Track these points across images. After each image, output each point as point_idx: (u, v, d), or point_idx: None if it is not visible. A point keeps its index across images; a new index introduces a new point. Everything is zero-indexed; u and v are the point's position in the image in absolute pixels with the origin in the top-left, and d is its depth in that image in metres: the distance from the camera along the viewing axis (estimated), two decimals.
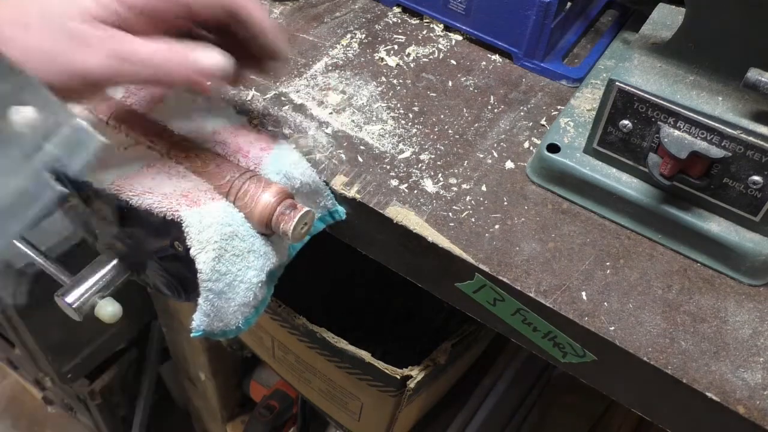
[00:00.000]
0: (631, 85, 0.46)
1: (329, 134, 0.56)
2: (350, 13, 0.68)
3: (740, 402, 0.42)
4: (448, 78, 0.62)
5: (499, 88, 0.61)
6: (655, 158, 0.47)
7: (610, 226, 0.51)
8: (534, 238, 0.50)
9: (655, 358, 0.44)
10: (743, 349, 0.45)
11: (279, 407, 1.17)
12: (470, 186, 0.53)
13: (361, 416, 0.88)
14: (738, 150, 0.44)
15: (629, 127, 0.48)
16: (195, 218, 0.45)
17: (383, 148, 0.55)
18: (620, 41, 0.63)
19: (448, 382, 0.92)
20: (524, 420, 0.95)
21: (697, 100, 0.45)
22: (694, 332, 0.45)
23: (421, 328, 0.96)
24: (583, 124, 0.54)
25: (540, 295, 0.47)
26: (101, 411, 1.28)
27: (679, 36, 0.47)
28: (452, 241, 0.49)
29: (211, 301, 0.47)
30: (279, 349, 0.89)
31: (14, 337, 1.13)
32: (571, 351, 0.48)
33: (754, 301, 0.47)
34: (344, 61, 0.63)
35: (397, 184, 0.53)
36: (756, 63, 0.42)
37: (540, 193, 0.53)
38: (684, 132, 0.46)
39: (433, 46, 0.65)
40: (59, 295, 0.52)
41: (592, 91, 0.57)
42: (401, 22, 0.67)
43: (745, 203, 0.47)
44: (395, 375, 0.73)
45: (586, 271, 0.48)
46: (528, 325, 0.49)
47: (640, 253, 0.50)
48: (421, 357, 0.76)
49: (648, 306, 0.47)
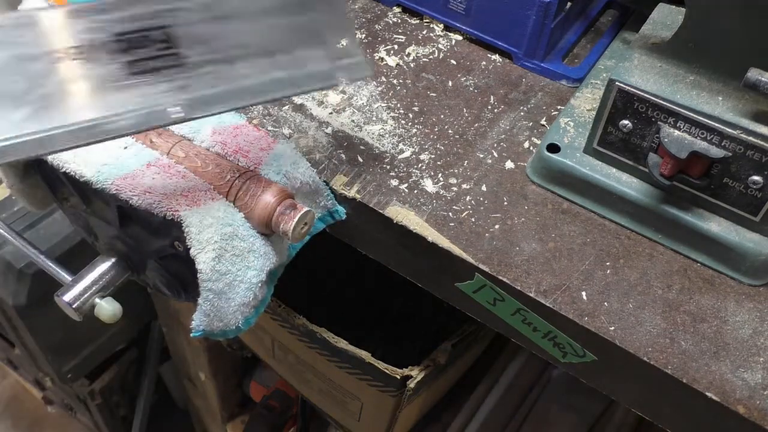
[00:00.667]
0: (631, 85, 0.46)
1: (329, 134, 0.56)
2: (350, 13, 0.68)
3: (740, 402, 0.42)
4: (448, 78, 0.62)
5: (499, 88, 0.61)
6: (655, 158, 0.47)
7: (610, 226, 0.51)
8: (534, 238, 0.50)
9: (655, 358, 0.44)
10: (743, 349, 0.45)
11: (279, 407, 1.17)
12: (470, 186, 0.53)
13: (361, 416, 0.88)
14: (738, 150, 0.44)
15: (629, 127, 0.48)
16: (195, 218, 0.45)
17: (383, 148, 0.55)
18: (620, 41, 0.63)
19: (448, 382, 0.92)
20: (524, 420, 0.95)
21: (697, 100, 0.45)
22: (694, 332, 0.45)
23: (421, 328, 0.96)
24: (583, 124, 0.54)
25: (540, 295, 0.47)
26: (101, 411, 1.28)
27: (679, 36, 0.47)
28: (452, 241, 0.49)
29: (211, 301, 0.47)
30: (279, 349, 0.89)
31: (14, 337, 1.13)
32: (571, 351, 0.48)
33: (754, 301, 0.47)
34: None
35: (397, 184, 0.53)
36: (756, 63, 0.42)
37: (540, 193, 0.53)
38: (684, 132, 0.46)
39: (433, 46, 0.65)
40: (59, 295, 0.52)
41: (592, 91, 0.57)
42: (401, 22, 0.67)
43: (745, 203, 0.47)
44: (395, 375, 0.73)
45: (586, 271, 0.48)
46: (528, 325, 0.49)
47: (640, 253, 0.50)
48: (421, 357, 0.76)
49: (648, 306, 0.47)
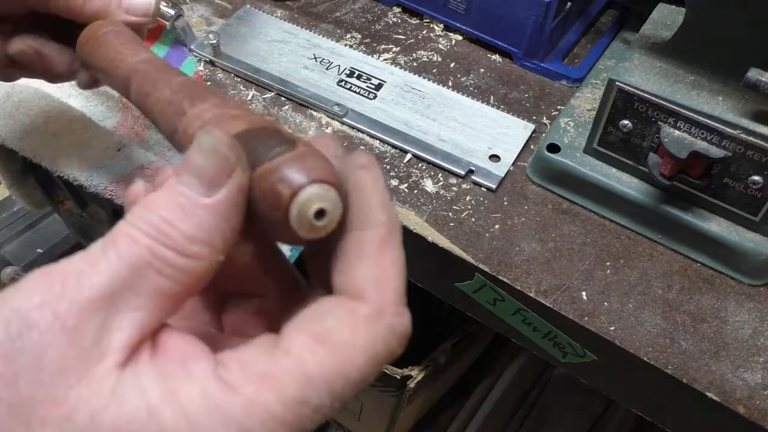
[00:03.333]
0: (631, 85, 0.46)
1: (329, 134, 0.56)
2: (350, 13, 0.67)
3: (740, 402, 0.42)
4: (448, 78, 0.61)
5: (499, 88, 0.61)
6: (655, 158, 0.47)
7: (610, 226, 0.51)
8: (534, 238, 0.50)
9: (655, 358, 0.44)
10: (743, 349, 0.45)
11: None
12: (470, 186, 0.53)
13: (361, 416, 0.88)
14: (738, 150, 0.44)
15: (629, 127, 0.48)
16: None
17: (383, 148, 0.55)
18: (620, 41, 0.63)
19: (448, 382, 0.92)
20: (524, 420, 0.95)
21: (697, 100, 0.45)
22: (694, 332, 0.45)
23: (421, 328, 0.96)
24: (583, 124, 0.54)
25: (540, 295, 0.47)
26: None
27: (679, 36, 0.47)
28: (452, 241, 0.49)
29: None
30: None
31: None
32: (571, 351, 0.48)
33: (754, 301, 0.47)
34: None
35: (397, 184, 0.53)
36: (756, 63, 0.42)
37: (540, 193, 0.53)
38: (684, 132, 0.46)
39: (433, 46, 0.65)
40: None
41: (592, 91, 0.57)
42: (401, 22, 0.67)
43: (745, 203, 0.47)
44: (395, 375, 0.73)
45: (586, 271, 0.48)
46: (528, 325, 0.49)
47: (640, 253, 0.50)
48: (421, 357, 0.76)
49: (648, 306, 0.47)
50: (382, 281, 0.25)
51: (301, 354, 0.23)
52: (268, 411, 0.22)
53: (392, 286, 0.25)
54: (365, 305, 0.25)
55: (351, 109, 0.57)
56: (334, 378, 0.23)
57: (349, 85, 0.58)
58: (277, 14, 0.66)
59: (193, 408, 0.22)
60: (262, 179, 0.25)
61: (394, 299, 0.25)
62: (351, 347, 0.24)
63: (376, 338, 0.24)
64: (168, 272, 0.23)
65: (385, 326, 0.25)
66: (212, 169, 0.24)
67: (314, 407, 0.23)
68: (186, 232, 0.24)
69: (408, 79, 0.59)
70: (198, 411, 0.22)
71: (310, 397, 0.23)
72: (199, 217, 0.24)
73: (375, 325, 0.24)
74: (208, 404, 0.22)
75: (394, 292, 0.25)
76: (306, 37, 0.62)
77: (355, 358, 0.24)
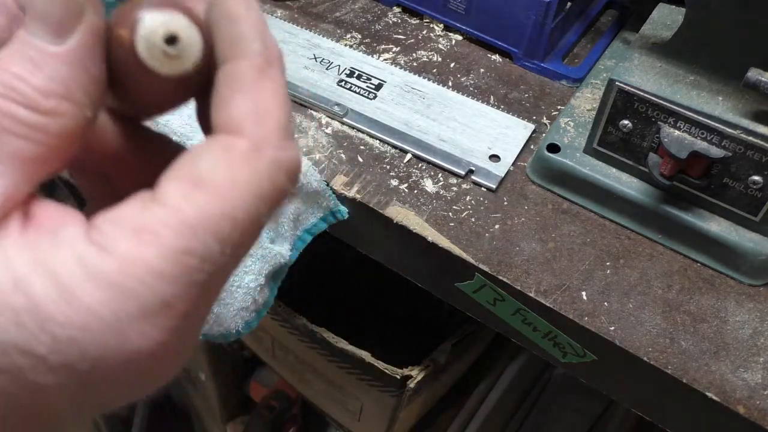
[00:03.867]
0: (631, 85, 0.46)
1: (329, 134, 0.56)
2: (350, 13, 0.67)
3: (740, 402, 0.42)
4: (448, 78, 0.62)
5: (499, 88, 0.61)
6: (655, 158, 0.47)
7: (610, 226, 0.51)
8: (534, 238, 0.50)
9: (655, 358, 0.44)
10: (743, 349, 0.45)
11: (279, 407, 1.17)
12: (470, 186, 0.53)
13: (361, 416, 0.88)
14: (738, 150, 0.44)
15: (629, 127, 0.48)
16: None
17: (383, 148, 0.55)
18: (620, 41, 0.63)
19: (448, 382, 0.92)
20: (524, 420, 0.95)
21: (697, 100, 0.45)
22: (694, 332, 0.45)
23: (421, 328, 0.96)
24: (583, 124, 0.54)
25: (540, 295, 0.47)
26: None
27: (679, 36, 0.47)
28: (452, 241, 0.49)
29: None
30: (279, 349, 0.89)
31: None
32: (571, 351, 0.48)
33: (754, 301, 0.47)
34: None
35: (397, 184, 0.53)
36: (756, 63, 0.42)
37: (540, 193, 0.53)
38: (684, 132, 0.46)
39: (433, 46, 0.65)
40: None
41: (592, 91, 0.57)
42: (401, 22, 0.67)
43: (745, 203, 0.47)
44: (395, 375, 0.73)
45: (586, 271, 0.48)
46: (528, 325, 0.49)
47: (640, 253, 0.50)
48: (421, 357, 0.76)
49: (648, 306, 0.47)
50: (262, 113, 0.23)
51: (178, 202, 0.21)
52: (146, 267, 0.20)
53: (274, 117, 0.23)
54: (243, 140, 0.22)
55: (351, 109, 0.57)
56: (218, 222, 0.21)
57: (349, 85, 0.58)
58: (277, 14, 0.66)
59: (63, 275, 0.20)
60: (110, 28, 0.23)
61: (276, 132, 0.23)
62: (231, 187, 0.22)
63: (259, 174, 0.22)
64: (23, 132, 0.21)
65: (268, 161, 0.22)
66: (58, 12, 0.21)
67: (201, 256, 0.21)
68: (38, 86, 0.21)
69: (408, 79, 0.59)
70: (68, 276, 0.20)
71: (194, 246, 0.21)
72: (51, 68, 0.21)
73: (256, 160, 0.22)
74: (79, 269, 0.20)
75: (276, 123, 0.23)
76: (306, 37, 0.62)
77: (238, 198, 0.22)
